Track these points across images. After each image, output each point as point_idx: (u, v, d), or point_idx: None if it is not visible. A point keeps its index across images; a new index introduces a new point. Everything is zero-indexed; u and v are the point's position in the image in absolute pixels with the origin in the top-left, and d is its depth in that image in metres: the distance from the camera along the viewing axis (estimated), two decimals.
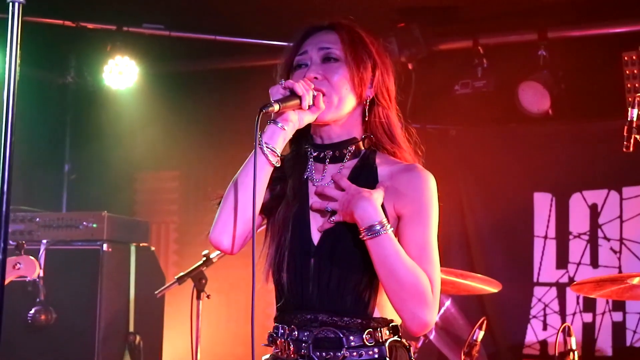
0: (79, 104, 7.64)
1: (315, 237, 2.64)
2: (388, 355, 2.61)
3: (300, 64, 2.73)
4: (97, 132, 7.55)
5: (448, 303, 5.39)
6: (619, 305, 5.87)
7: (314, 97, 2.60)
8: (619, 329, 5.87)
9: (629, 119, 3.73)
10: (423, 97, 6.37)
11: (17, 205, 6.11)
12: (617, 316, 5.89)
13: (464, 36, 6.32)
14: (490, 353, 5.62)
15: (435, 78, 6.46)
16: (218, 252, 4.73)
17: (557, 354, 4.23)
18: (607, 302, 5.89)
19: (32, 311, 5.33)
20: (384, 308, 2.64)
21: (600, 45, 6.05)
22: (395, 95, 2.83)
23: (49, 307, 5.36)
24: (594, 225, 6.04)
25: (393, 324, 2.65)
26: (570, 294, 5.97)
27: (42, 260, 5.34)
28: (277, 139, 2.58)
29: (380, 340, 2.61)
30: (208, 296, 4.98)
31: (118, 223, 6.04)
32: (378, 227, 2.51)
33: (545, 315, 6.08)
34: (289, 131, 2.61)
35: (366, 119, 2.75)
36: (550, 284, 6.10)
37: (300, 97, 2.56)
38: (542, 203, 6.21)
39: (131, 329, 5.93)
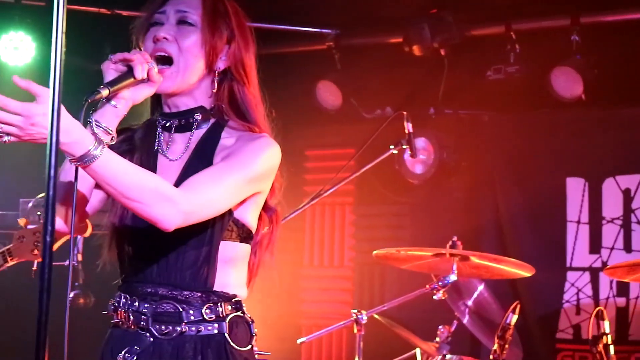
0: None
1: None
2: (227, 331, 2.59)
3: (155, 22, 2.70)
4: (130, 118, 7.59)
5: (481, 287, 5.41)
6: None
7: (149, 70, 2.54)
8: None
9: None
10: (455, 83, 6.39)
11: None
12: None
13: (496, 22, 6.30)
14: (523, 337, 5.62)
15: (468, 64, 6.46)
16: None
17: (590, 338, 4.25)
18: None
19: (71, 295, 5.39)
20: (226, 283, 2.61)
21: (634, 30, 6.02)
22: (257, 71, 2.78)
23: (88, 290, 5.43)
24: (627, 209, 6.02)
25: (236, 299, 2.63)
26: (604, 279, 5.96)
27: (80, 245, 5.41)
28: (107, 117, 2.52)
29: (221, 316, 2.59)
30: None
31: None
32: (96, 150, 2.32)
33: (578, 299, 6.08)
34: (121, 108, 2.56)
35: (214, 90, 2.71)
36: (583, 269, 6.09)
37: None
38: (575, 188, 6.20)
39: None
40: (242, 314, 2.65)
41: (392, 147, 4.95)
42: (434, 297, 4.59)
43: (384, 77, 6.59)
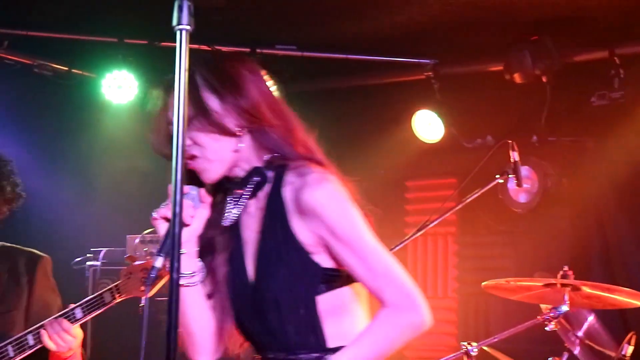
0: None
1: (252, 276, 2.60)
2: None
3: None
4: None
5: (591, 318, 5.29)
6: None
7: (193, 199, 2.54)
8: None
9: None
10: (558, 110, 6.30)
11: None
12: None
13: (599, 47, 6.21)
14: None
15: (570, 90, 6.37)
16: None
17: None
18: None
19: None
20: (339, 334, 2.54)
21: None
22: (273, 100, 2.65)
23: None
24: None
25: None
26: None
27: None
28: (184, 265, 2.44)
29: None
30: None
31: None
32: None
33: None
34: (190, 249, 2.57)
35: (246, 145, 2.60)
36: None
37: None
38: None
39: None
40: None
41: (498, 176, 4.88)
42: (547, 328, 4.50)
43: (484, 106, 6.54)
